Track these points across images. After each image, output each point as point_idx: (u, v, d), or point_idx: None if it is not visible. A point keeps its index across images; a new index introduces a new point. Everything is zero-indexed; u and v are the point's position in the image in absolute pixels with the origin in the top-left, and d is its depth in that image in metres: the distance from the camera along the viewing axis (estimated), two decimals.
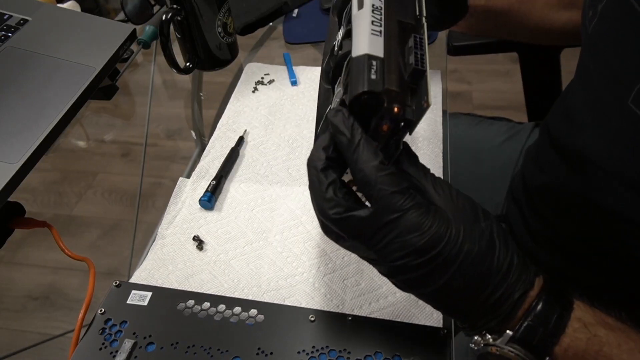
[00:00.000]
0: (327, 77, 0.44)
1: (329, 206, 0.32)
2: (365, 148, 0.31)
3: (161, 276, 0.50)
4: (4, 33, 0.60)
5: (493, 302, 0.32)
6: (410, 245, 0.31)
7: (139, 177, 1.42)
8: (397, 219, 0.31)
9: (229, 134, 0.66)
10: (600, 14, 0.44)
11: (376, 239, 0.31)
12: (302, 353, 0.42)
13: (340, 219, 0.32)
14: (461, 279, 0.31)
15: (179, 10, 0.67)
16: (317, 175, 0.32)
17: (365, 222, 0.31)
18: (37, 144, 0.49)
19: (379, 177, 0.31)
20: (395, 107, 0.31)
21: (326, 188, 0.32)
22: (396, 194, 0.31)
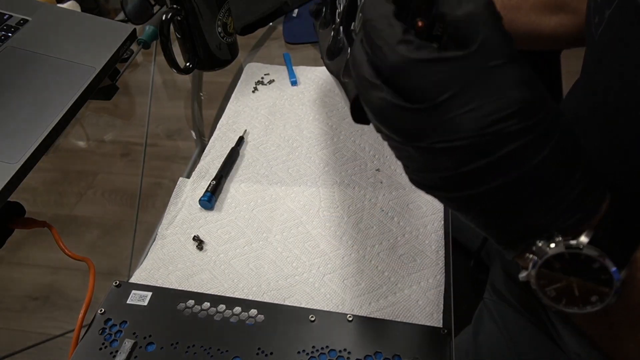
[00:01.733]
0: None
1: (413, 48, 0.25)
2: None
3: (161, 276, 0.50)
4: (4, 33, 0.60)
5: (580, 192, 0.27)
6: (520, 101, 0.24)
7: (139, 177, 1.42)
8: (503, 66, 0.24)
9: (229, 134, 0.66)
10: (608, 20, 0.43)
11: (465, 92, 0.24)
12: (302, 353, 0.42)
13: (431, 61, 0.25)
14: (558, 154, 0.25)
15: (179, 10, 0.67)
16: (389, 21, 0.26)
17: (460, 65, 0.24)
18: (37, 144, 0.49)
19: (490, 12, 0.25)
20: None
21: (403, 32, 0.26)
22: (504, 36, 0.25)
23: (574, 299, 0.29)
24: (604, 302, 0.28)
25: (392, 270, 0.49)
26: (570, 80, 0.87)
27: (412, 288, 0.48)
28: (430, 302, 0.46)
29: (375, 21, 0.27)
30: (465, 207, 0.28)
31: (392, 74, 0.26)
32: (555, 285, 0.29)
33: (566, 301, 0.29)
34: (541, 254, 0.28)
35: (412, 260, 0.50)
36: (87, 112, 0.92)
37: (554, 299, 0.29)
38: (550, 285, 0.29)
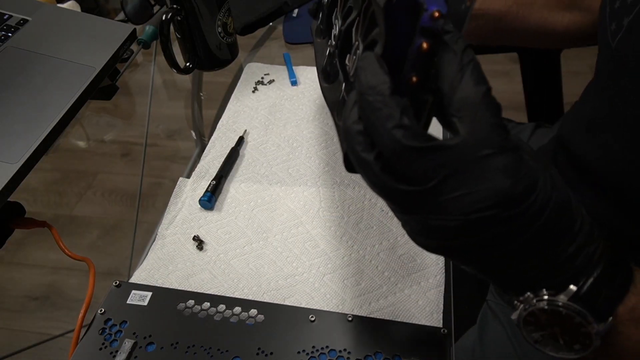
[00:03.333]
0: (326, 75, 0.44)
1: (408, 134, 0.25)
2: (476, 71, 0.26)
3: (161, 276, 0.50)
4: (4, 33, 0.60)
5: (568, 256, 0.28)
6: (503, 193, 0.25)
7: (139, 177, 1.42)
8: (492, 156, 0.25)
9: (229, 134, 0.66)
10: (627, 27, 0.42)
11: (455, 180, 0.25)
12: (302, 353, 0.42)
13: (424, 150, 0.25)
14: (544, 233, 0.27)
15: (179, 10, 0.67)
16: (385, 101, 0.26)
17: (452, 154, 0.25)
18: (37, 144, 0.49)
19: (485, 103, 0.26)
20: (435, 11, 0.26)
21: (400, 115, 0.26)
22: (497, 127, 0.25)
23: (558, 346, 0.30)
24: (586, 351, 0.29)
25: (392, 270, 0.49)
26: (570, 80, 0.87)
27: (412, 288, 0.48)
28: (430, 302, 0.46)
29: (372, 97, 0.26)
30: (459, 264, 0.30)
31: (386, 154, 0.27)
32: (541, 332, 0.30)
33: (551, 347, 0.31)
34: (527, 305, 0.30)
35: (412, 260, 0.50)
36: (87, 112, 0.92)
37: (540, 343, 0.31)
38: (536, 331, 0.30)
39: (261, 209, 0.57)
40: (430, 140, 0.25)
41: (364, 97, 0.27)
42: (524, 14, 0.61)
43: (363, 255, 0.51)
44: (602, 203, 0.48)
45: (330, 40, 0.44)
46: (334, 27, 0.42)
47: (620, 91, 0.44)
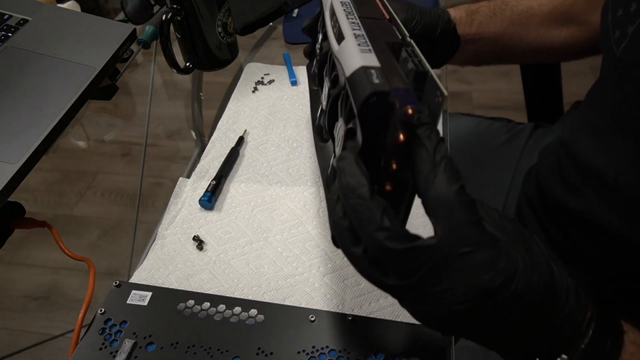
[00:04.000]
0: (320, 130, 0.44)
1: (388, 236, 0.27)
2: (448, 169, 0.27)
3: (161, 276, 0.50)
4: (4, 33, 0.60)
5: (555, 329, 0.30)
6: (482, 287, 0.27)
7: (139, 177, 1.42)
8: (470, 253, 0.27)
9: (229, 134, 0.66)
10: (632, 36, 0.42)
11: (436, 276, 0.27)
12: (302, 353, 0.42)
13: (405, 251, 0.27)
14: (529, 313, 0.28)
15: (179, 10, 0.67)
16: (366, 204, 0.27)
17: (431, 253, 0.27)
18: (37, 144, 0.49)
19: (457, 201, 0.26)
20: (409, 108, 0.28)
21: (381, 217, 0.27)
22: (472, 224, 0.27)
23: None
24: None
25: None
26: (570, 80, 0.87)
27: None
28: None
29: (353, 200, 0.28)
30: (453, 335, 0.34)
31: (371, 252, 0.28)
32: None
33: None
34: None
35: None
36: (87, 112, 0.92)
37: None
38: None
39: (261, 209, 0.57)
40: (411, 240, 0.27)
41: (345, 199, 0.28)
42: (521, 34, 0.60)
43: None
44: (606, 207, 0.47)
45: (322, 97, 0.44)
46: (324, 87, 0.43)
47: (625, 98, 0.44)
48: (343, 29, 0.35)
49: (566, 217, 0.54)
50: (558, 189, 0.55)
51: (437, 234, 0.27)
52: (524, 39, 0.61)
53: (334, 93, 0.38)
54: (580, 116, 0.55)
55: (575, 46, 0.61)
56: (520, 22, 0.60)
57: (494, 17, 0.59)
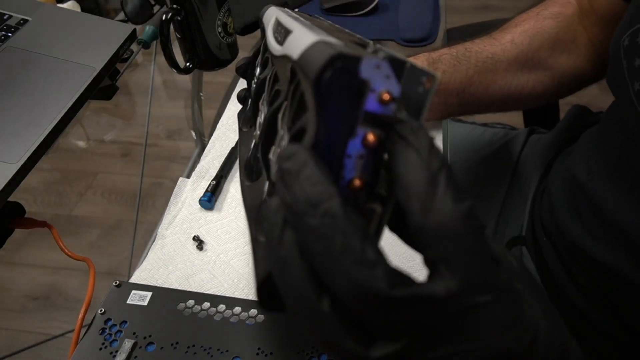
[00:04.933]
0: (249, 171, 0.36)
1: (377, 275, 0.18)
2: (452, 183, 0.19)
3: (161, 276, 0.50)
4: (4, 33, 0.60)
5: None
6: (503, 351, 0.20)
7: (139, 177, 1.42)
8: (490, 305, 0.19)
9: (229, 134, 0.66)
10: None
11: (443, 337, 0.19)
12: (302, 353, 0.42)
13: (400, 300, 0.18)
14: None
15: (179, 10, 0.67)
16: (337, 224, 0.18)
17: (442, 305, 0.19)
18: (37, 144, 0.49)
19: (470, 230, 0.19)
20: (384, 92, 0.20)
21: (362, 244, 0.18)
22: (491, 264, 0.20)
23: None
24: None
25: None
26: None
27: None
28: None
29: (314, 220, 0.19)
30: None
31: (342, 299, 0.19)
32: None
33: None
34: None
35: (412, 259, 0.50)
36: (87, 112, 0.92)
37: None
38: None
39: None
40: (409, 284, 0.19)
41: (301, 219, 0.19)
42: (488, 81, 0.58)
43: None
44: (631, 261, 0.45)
45: (255, 130, 0.36)
46: (260, 115, 0.35)
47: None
48: (290, 27, 0.27)
49: (590, 263, 0.49)
50: (579, 234, 0.51)
51: (443, 277, 0.19)
52: (491, 87, 0.58)
53: (275, 106, 0.30)
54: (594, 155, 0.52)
55: (544, 92, 0.60)
56: (486, 69, 0.57)
57: (459, 66, 0.57)
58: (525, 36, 0.59)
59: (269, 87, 0.34)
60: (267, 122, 0.30)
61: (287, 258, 0.20)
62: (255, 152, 0.36)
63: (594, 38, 0.58)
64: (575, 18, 0.59)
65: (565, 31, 0.59)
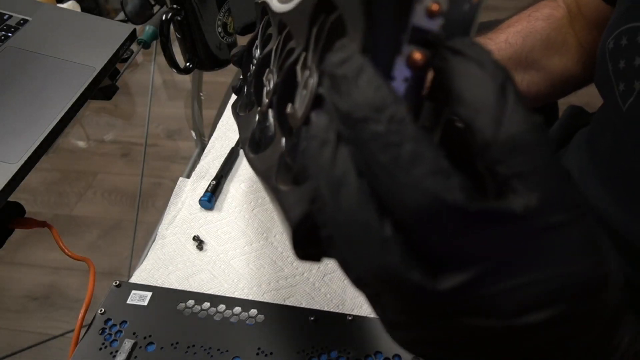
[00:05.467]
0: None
1: (453, 187, 0.16)
2: (516, 87, 0.18)
3: (161, 276, 0.50)
4: (4, 33, 0.60)
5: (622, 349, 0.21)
6: (581, 281, 0.18)
7: (139, 177, 1.42)
8: (567, 226, 0.17)
9: (229, 134, 0.66)
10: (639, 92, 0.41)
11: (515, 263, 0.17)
12: (302, 353, 0.42)
13: (480, 213, 0.16)
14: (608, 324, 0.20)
15: (179, 10, 0.67)
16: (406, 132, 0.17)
17: (517, 223, 0.17)
18: (37, 144, 0.49)
19: (544, 144, 0.17)
20: (432, 4, 0.18)
21: (435, 154, 0.17)
22: (568, 179, 0.18)
23: None
24: None
25: None
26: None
27: None
28: None
29: (380, 125, 0.17)
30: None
31: (410, 221, 0.17)
32: None
33: None
34: None
35: None
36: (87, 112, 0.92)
37: None
38: None
39: (261, 209, 0.57)
40: (485, 200, 0.17)
41: (363, 126, 0.17)
42: None
43: None
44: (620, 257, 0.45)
45: (262, 104, 0.36)
46: (267, 85, 0.35)
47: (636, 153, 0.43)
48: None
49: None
50: None
51: (519, 193, 0.17)
52: None
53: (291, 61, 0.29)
54: (584, 156, 0.53)
55: (536, 93, 0.60)
56: None
57: None
58: (519, 36, 0.59)
59: (276, 54, 0.34)
60: (284, 78, 0.29)
61: (343, 178, 0.17)
62: (263, 122, 0.36)
63: (583, 41, 0.59)
64: (565, 21, 0.60)
65: (557, 33, 0.59)
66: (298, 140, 0.26)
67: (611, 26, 0.46)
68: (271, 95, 0.32)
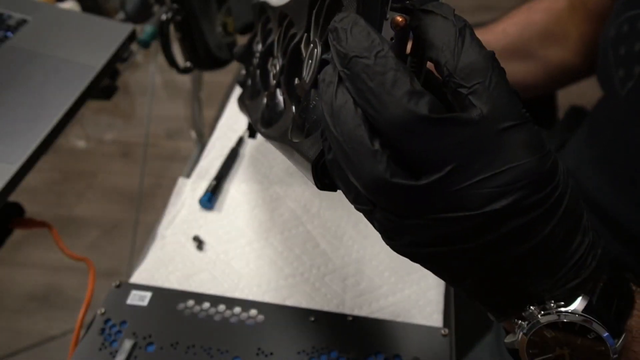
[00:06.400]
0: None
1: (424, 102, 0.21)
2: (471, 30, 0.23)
3: (161, 276, 0.50)
4: (4, 33, 0.60)
5: (580, 256, 0.24)
6: (530, 172, 0.22)
7: (139, 177, 1.42)
8: (514, 128, 0.22)
9: (229, 134, 0.66)
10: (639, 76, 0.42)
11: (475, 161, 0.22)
12: (302, 353, 0.42)
13: (443, 121, 0.21)
14: (562, 225, 0.23)
15: (179, 10, 0.67)
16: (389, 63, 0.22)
17: (473, 129, 0.21)
18: (37, 144, 0.49)
19: (495, 67, 0.22)
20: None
21: (410, 80, 0.22)
22: (513, 94, 0.23)
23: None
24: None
25: (392, 270, 0.49)
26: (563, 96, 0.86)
27: (412, 288, 0.48)
28: (430, 302, 0.46)
29: (369, 60, 0.22)
30: (455, 278, 0.26)
31: (393, 134, 0.22)
32: (547, 355, 0.26)
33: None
34: (533, 321, 0.25)
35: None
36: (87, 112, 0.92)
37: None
38: (541, 354, 0.26)
39: (261, 209, 0.57)
40: (449, 112, 0.22)
41: (356, 61, 0.22)
42: None
43: (363, 255, 0.51)
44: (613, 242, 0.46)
45: (269, 87, 0.41)
46: (272, 70, 0.40)
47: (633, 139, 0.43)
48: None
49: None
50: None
51: (475, 105, 0.22)
52: None
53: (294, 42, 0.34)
54: (582, 145, 0.53)
55: (534, 83, 0.61)
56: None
57: None
58: (517, 27, 0.60)
59: (279, 42, 0.39)
60: (289, 57, 0.35)
61: (344, 106, 0.23)
62: (272, 102, 0.40)
63: (584, 33, 0.59)
64: (566, 12, 0.60)
65: (556, 24, 0.60)
66: (307, 102, 0.31)
67: (613, 15, 0.47)
68: (278, 76, 0.37)
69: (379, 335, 0.43)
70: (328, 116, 0.24)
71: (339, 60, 0.23)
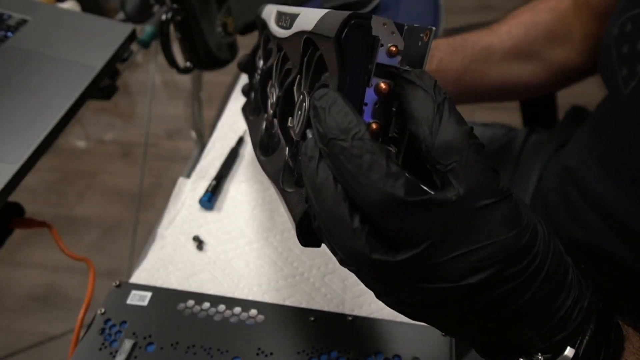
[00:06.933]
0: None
1: (400, 185, 0.22)
2: (454, 109, 0.24)
3: (161, 276, 0.50)
4: (4, 33, 0.60)
5: (565, 311, 0.25)
6: (506, 248, 0.22)
7: (139, 177, 1.42)
8: (491, 207, 0.22)
9: (229, 134, 0.66)
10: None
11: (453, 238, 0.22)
12: (302, 353, 0.42)
13: (420, 203, 0.22)
14: (545, 287, 0.24)
15: (179, 10, 0.67)
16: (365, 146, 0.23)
17: (450, 209, 0.22)
18: (37, 144, 0.49)
19: (472, 145, 0.23)
20: (391, 46, 0.24)
21: (386, 161, 0.22)
22: (490, 172, 0.23)
23: None
24: None
25: None
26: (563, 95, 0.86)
27: None
28: None
29: (346, 142, 0.23)
30: (445, 332, 0.27)
31: (371, 213, 0.23)
32: None
33: None
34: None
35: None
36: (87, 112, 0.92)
37: None
38: None
39: (261, 209, 0.57)
40: (425, 193, 0.22)
41: (334, 143, 0.23)
42: (483, 71, 0.59)
43: None
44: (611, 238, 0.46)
45: (267, 113, 0.41)
46: (271, 97, 0.40)
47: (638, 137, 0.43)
48: (295, 11, 0.32)
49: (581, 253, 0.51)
50: (568, 222, 0.52)
51: (452, 185, 0.22)
52: (487, 75, 0.59)
53: (289, 81, 0.34)
54: (585, 144, 0.53)
55: (538, 84, 0.61)
56: (482, 59, 0.59)
57: (455, 54, 0.58)
58: (521, 28, 0.60)
59: (277, 71, 0.39)
60: (283, 96, 0.35)
61: (324, 184, 0.24)
62: (269, 131, 0.41)
63: (588, 32, 0.59)
64: (570, 12, 0.60)
65: (560, 24, 0.60)
66: (297, 150, 0.31)
67: (616, 14, 0.47)
68: (274, 107, 0.37)
69: (378, 335, 0.43)
70: (310, 190, 0.25)
71: (319, 138, 0.24)
